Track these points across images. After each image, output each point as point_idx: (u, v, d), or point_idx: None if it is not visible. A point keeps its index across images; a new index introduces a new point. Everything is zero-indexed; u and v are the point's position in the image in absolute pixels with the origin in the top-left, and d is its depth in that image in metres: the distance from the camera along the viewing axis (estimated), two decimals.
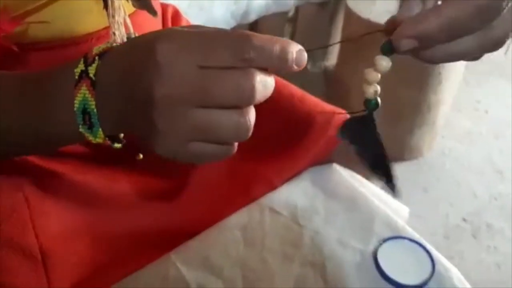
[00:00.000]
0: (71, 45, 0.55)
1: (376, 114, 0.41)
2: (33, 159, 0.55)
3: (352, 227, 0.63)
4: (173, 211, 0.62)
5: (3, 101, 0.43)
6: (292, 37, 1.61)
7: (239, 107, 0.34)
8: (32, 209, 0.55)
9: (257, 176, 0.66)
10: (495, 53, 0.39)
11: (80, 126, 0.39)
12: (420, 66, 1.32)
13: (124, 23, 0.54)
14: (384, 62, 0.38)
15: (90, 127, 0.39)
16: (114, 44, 0.39)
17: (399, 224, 0.64)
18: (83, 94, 0.38)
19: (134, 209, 0.61)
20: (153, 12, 0.53)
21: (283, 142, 0.67)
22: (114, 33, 0.53)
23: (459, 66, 1.37)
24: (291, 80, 0.65)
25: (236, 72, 0.33)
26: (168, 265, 0.58)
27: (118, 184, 0.61)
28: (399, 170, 1.49)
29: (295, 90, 0.71)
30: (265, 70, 0.34)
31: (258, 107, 0.36)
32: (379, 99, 0.39)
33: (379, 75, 0.39)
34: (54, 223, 0.56)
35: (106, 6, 0.50)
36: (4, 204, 0.54)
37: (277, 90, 0.69)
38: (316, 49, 0.40)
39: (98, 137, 0.39)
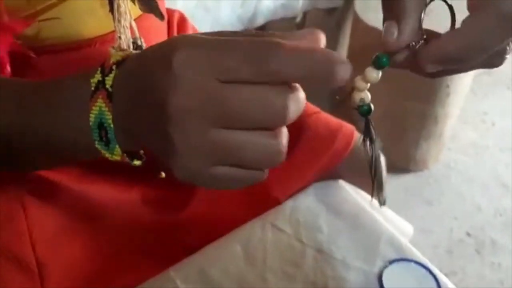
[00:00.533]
0: (75, 49, 0.54)
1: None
2: None
3: (356, 247, 0.61)
4: (176, 224, 0.61)
5: (12, 110, 0.40)
6: None
7: (268, 128, 0.30)
8: (30, 219, 0.54)
9: (261, 191, 0.64)
10: (503, 65, 0.37)
11: (96, 142, 0.36)
12: (428, 79, 1.30)
13: (130, 27, 0.53)
14: (375, 75, 0.36)
15: (107, 143, 0.35)
16: (132, 51, 0.36)
17: (405, 244, 0.62)
18: (99, 107, 0.34)
19: (136, 221, 0.60)
20: (160, 16, 0.52)
21: (287, 156, 0.65)
22: (119, 37, 0.52)
23: (467, 79, 1.35)
24: None
25: (264, 88, 0.29)
26: (168, 282, 0.56)
27: (120, 195, 0.60)
28: (404, 182, 1.48)
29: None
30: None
31: None
32: (371, 105, 0.38)
33: (368, 85, 0.37)
34: (52, 234, 0.55)
35: (112, 10, 0.49)
36: (1, 213, 0.53)
37: None
38: None
39: (116, 154, 0.36)
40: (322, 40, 0.32)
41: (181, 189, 0.62)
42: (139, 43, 0.54)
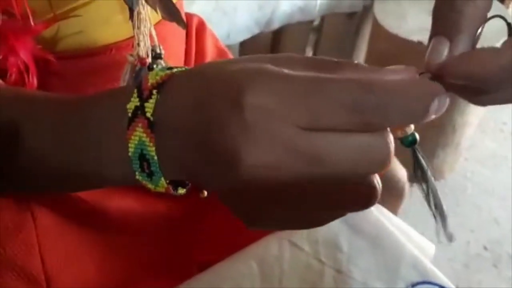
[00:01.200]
0: (90, 55, 0.53)
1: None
2: None
3: (378, 268, 0.59)
4: (190, 239, 0.60)
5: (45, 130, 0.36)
6: (316, 47, 1.56)
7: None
8: (40, 230, 0.52)
9: None
10: None
11: (137, 173, 0.31)
12: None
13: (150, 34, 0.51)
14: None
15: (150, 175, 0.31)
16: (175, 70, 0.31)
17: (428, 266, 0.60)
18: (139, 137, 0.30)
19: (147, 235, 0.58)
20: (182, 24, 0.50)
21: None
22: (138, 44, 0.50)
23: None
24: None
25: (362, 137, 0.25)
26: None
27: (132, 208, 0.58)
28: (419, 192, 1.44)
29: None
30: None
31: None
32: (416, 134, 0.34)
33: None
34: (62, 247, 0.53)
35: (131, 16, 0.48)
36: (10, 223, 0.51)
37: None
38: None
39: (160, 186, 0.31)
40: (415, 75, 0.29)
41: (196, 203, 0.60)
42: (158, 50, 0.52)
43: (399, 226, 0.68)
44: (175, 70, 0.31)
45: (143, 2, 0.47)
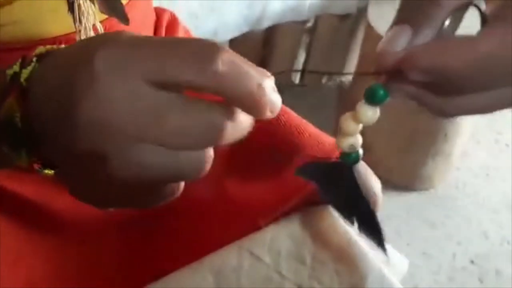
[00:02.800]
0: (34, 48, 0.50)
1: (356, 168, 0.33)
2: None
3: (341, 283, 0.55)
4: (145, 245, 0.58)
5: None
6: (309, 48, 1.53)
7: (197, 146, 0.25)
8: None
9: (240, 213, 0.59)
10: None
11: (4, 145, 0.30)
12: None
13: (94, 29, 0.48)
14: (370, 113, 0.29)
15: (14, 145, 0.29)
16: (63, 46, 0.30)
17: (395, 285, 0.56)
18: (10, 104, 0.29)
19: (99, 239, 0.56)
20: (124, 19, 0.47)
21: (272, 176, 0.60)
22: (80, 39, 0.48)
23: None
24: (304, 94, 0.57)
25: (202, 104, 0.24)
26: None
27: (84, 212, 0.56)
28: (407, 200, 1.41)
29: (293, 118, 0.64)
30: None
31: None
32: (360, 151, 0.31)
33: (360, 126, 0.30)
34: (11, 247, 0.52)
35: (71, 9, 0.45)
36: None
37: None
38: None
39: (23, 159, 0.30)
40: None
41: (154, 209, 0.57)
42: None
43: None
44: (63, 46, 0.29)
45: None
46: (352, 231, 0.61)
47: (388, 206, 1.38)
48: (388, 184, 1.41)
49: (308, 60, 1.51)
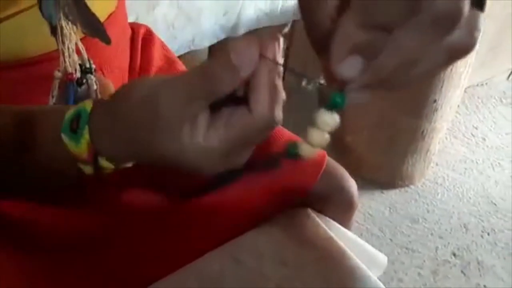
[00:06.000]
0: (22, 66, 0.51)
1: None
2: None
3: (323, 283, 0.57)
4: (131, 254, 0.58)
5: None
6: (287, 53, 1.55)
7: None
8: None
9: (221, 217, 0.60)
10: (496, 78, 0.30)
11: (63, 134, 0.36)
12: (415, 92, 1.27)
13: (77, 49, 0.49)
14: (329, 119, 0.31)
15: (75, 131, 0.36)
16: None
17: (374, 281, 0.58)
18: (82, 105, 0.37)
19: (84, 248, 0.56)
20: (106, 40, 0.48)
21: (251, 183, 0.62)
22: (64, 60, 0.49)
23: (457, 93, 1.32)
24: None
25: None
26: None
27: (66, 223, 0.57)
28: (389, 197, 1.44)
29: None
30: None
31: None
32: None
33: (326, 135, 0.32)
34: None
35: (53, 32, 0.46)
36: None
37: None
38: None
39: (82, 144, 0.36)
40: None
41: (139, 218, 0.58)
42: (87, 65, 0.51)
43: (350, 239, 0.66)
44: None
45: (63, 15, 0.45)
46: (331, 232, 0.63)
47: (371, 203, 1.41)
48: (371, 183, 1.44)
49: (287, 64, 1.53)
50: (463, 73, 1.26)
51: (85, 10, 0.45)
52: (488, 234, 1.37)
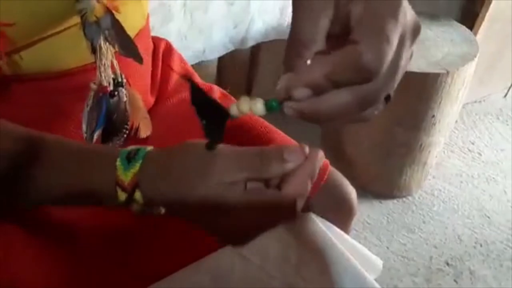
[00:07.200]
0: (59, 77, 0.56)
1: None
2: None
3: (323, 281, 0.62)
4: (140, 253, 0.62)
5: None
6: None
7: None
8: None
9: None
10: (494, 96, 0.38)
11: (119, 160, 0.43)
12: (414, 107, 1.32)
13: (111, 64, 0.55)
14: (260, 109, 0.38)
15: (130, 160, 0.43)
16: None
17: (368, 280, 0.64)
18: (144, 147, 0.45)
19: (96, 246, 0.60)
20: (139, 60, 0.54)
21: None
22: (100, 74, 0.54)
23: (455, 109, 1.37)
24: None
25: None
26: None
27: (80, 220, 0.61)
28: (386, 207, 1.49)
29: (277, 135, 0.71)
30: None
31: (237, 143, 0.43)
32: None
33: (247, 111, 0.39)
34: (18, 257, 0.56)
35: (93, 51, 0.51)
36: None
37: (258, 135, 0.68)
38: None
39: (130, 173, 0.43)
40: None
41: (149, 219, 0.62)
42: (119, 79, 0.56)
43: (349, 243, 0.72)
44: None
45: (103, 38, 0.51)
46: (331, 236, 0.68)
47: (369, 213, 1.46)
48: (369, 193, 1.50)
49: None
50: (461, 90, 1.31)
51: (123, 35, 0.51)
52: (481, 245, 1.42)
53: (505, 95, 1.96)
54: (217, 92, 0.75)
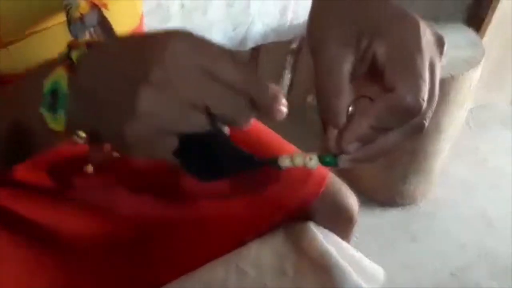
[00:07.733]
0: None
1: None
2: None
3: None
4: (138, 260, 0.60)
5: None
6: (294, 69, 1.58)
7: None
8: None
9: (227, 230, 0.63)
10: (499, 102, 0.37)
11: (41, 107, 0.35)
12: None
13: None
14: (314, 165, 0.38)
15: (54, 107, 0.34)
16: None
17: None
18: (57, 74, 0.34)
19: (96, 254, 0.59)
20: None
21: (256, 195, 0.64)
22: None
23: (460, 117, 1.34)
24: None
25: (237, 97, 0.32)
26: None
27: (79, 228, 0.59)
28: (390, 216, 1.46)
29: (276, 139, 0.68)
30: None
31: None
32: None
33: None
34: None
35: None
36: None
37: (255, 139, 0.66)
38: None
39: (58, 122, 0.35)
40: None
41: (148, 225, 0.61)
42: None
43: (348, 253, 0.69)
44: None
45: (88, 34, 0.48)
46: (330, 246, 0.65)
47: (373, 221, 1.43)
48: (373, 201, 1.47)
49: (294, 80, 1.57)
50: (466, 96, 1.28)
51: (110, 33, 0.49)
52: (485, 255, 1.39)
53: (511, 101, 1.93)
54: None
